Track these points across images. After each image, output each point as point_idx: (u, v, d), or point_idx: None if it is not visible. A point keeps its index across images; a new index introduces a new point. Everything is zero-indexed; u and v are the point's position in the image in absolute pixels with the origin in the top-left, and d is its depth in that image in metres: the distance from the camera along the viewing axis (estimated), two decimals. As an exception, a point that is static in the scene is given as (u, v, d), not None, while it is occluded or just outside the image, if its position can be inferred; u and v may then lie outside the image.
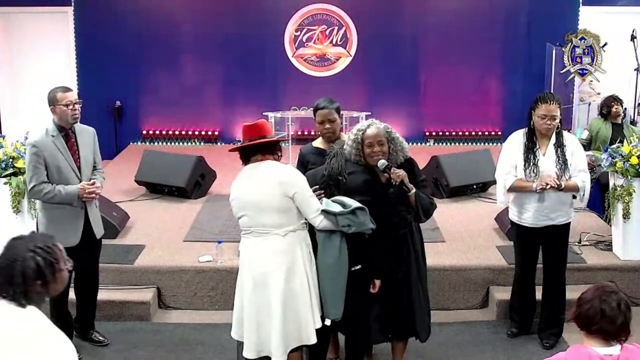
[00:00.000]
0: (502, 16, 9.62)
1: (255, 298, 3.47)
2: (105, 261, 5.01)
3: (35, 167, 4.08)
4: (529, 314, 4.64)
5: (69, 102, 4.13)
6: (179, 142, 9.73)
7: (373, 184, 3.70)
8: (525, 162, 4.30)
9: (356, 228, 3.47)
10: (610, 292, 2.45)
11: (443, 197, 6.87)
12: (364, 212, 3.49)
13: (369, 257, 3.63)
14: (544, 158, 4.28)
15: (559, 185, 4.20)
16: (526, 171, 4.29)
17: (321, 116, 4.09)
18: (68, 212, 4.19)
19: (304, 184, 3.49)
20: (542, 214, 4.32)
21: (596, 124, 6.87)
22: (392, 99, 9.55)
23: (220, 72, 9.72)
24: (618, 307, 2.40)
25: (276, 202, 3.42)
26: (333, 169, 3.75)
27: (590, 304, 2.43)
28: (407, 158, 3.79)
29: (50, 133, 4.14)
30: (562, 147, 4.26)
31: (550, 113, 4.20)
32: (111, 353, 4.46)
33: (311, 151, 4.14)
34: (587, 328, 2.43)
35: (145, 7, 9.57)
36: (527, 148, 4.31)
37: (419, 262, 3.84)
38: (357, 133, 3.72)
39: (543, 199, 4.28)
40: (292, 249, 3.47)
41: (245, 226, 3.53)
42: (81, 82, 9.53)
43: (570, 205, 4.35)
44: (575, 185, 4.26)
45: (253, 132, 3.51)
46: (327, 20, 9.63)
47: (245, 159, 3.56)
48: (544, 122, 4.22)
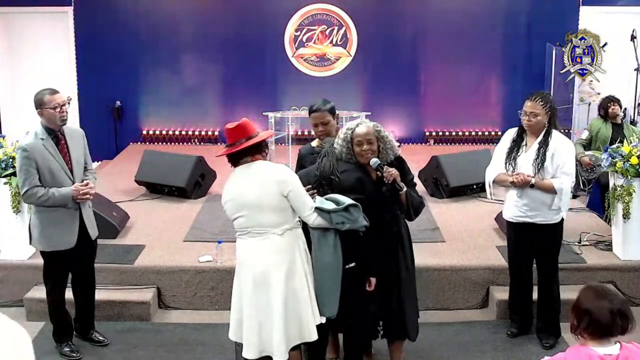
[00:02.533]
0: (502, 16, 9.62)
1: (255, 298, 3.47)
2: (105, 261, 5.02)
3: (27, 170, 4.06)
4: (527, 313, 4.65)
5: (56, 105, 4.10)
6: (179, 142, 9.73)
7: (366, 182, 3.73)
8: (507, 156, 4.38)
9: (350, 225, 3.49)
10: (602, 296, 2.45)
11: (443, 197, 6.87)
12: (357, 209, 3.51)
13: (363, 255, 3.65)
14: (525, 155, 4.33)
15: (529, 182, 4.23)
16: (506, 165, 4.37)
17: (314, 119, 4.14)
18: (63, 215, 4.17)
19: (297, 182, 3.51)
20: (521, 210, 4.37)
21: (596, 124, 6.87)
22: (392, 99, 9.56)
23: (220, 72, 9.72)
24: (611, 313, 2.40)
25: (274, 201, 3.42)
26: (325, 168, 3.77)
27: (586, 313, 2.43)
28: (397, 156, 3.81)
29: (40, 136, 4.11)
30: (544, 147, 4.27)
31: (530, 110, 4.26)
32: (111, 353, 4.45)
33: (310, 152, 4.16)
34: (586, 332, 2.44)
35: (145, 7, 9.57)
36: (514, 143, 4.39)
37: (407, 263, 3.89)
38: (346, 132, 3.76)
39: (520, 195, 4.33)
40: (290, 247, 3.48)
41: (242, 227, 3.52)
42: (81, 82, 9.53)
43: (549, 207, 4.31)
44: (549, 185, 4.25)
45: (238, 135, 3.49)
46: (327, 20, 9.63)
47: (234, 162, 3.56)
48: (524, 118, 4.31)
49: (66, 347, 4.38)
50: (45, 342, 4.39)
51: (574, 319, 2.48)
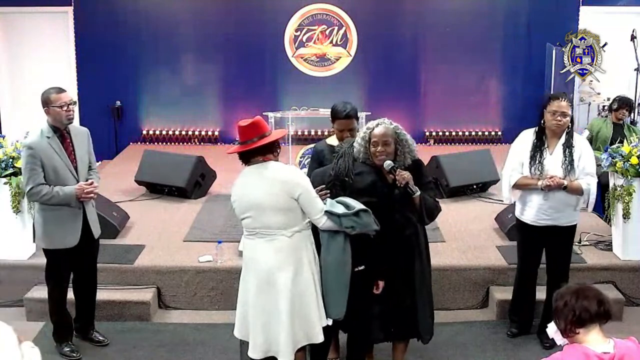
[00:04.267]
0: (502, 16, 9.61)
1: (261, 298, 3.45)
2: (105, 261, 5.02)
3: (32, 169, 4.07)
4: (528, 314, 4.64)
5: (63, 104, 4.12)
6: (179, 142, 9.72)
7: (379, 185, 3.68)
8: (531, 159, 4.32)
9: (360, 229, 3.46)
10: (579, 289, 2.51)
11: (443, 197, 6.86)
12: (367, 213, 3.48)
13: (373, 258, 3.62)
14: (550, 157, 4.30)
15: (562, 185, 4.21)
16: (531, 169, 4.31)
17: (342, 125, 4.12)
18: (66, 213, 4.18)
19: (308, 185, 3.47)
20: (545, 213, 4.32)
21: (597, 124, 6.86)
22: (392, 99, 9.54)
23: (220, 72, 9.71)
24: (595, 296, 2.47)
25: (281, 203, 3.39)
26: (340, 169, 3.75)
27: (568, 306, 2.48)
28: (415, 160, 3.76)
29: (46, 134, 4.13)
30: (570, 148, 4.26)
31: (561, 109, 4.22)
32: (111, 353, 4.46)
33: (326, 148, 4.16)
34: (577, 326, 2.45)
35: (145, 7, 9.56)
36: (535, 146, 4.34)
37: (423, 264, 3.82)
38: (365, 131, 3.71)
39: (547, 198, 4.29)
40: (298, 249, 3.45)
41: (250, 227, 3.49)
42: (81, 82, 9.52)
43: (574, 208, 4.33)
44: (579, 187, 4.25)
45: (251, 133, 3.44)
46: (327, 20, 9.63)
47: (245, 160, 3.51)
48: (554, 118, 4.23)
49: (66, 347, 4.38)
50: (45, 342, 4.39)
51: (561, 321, 2.49)
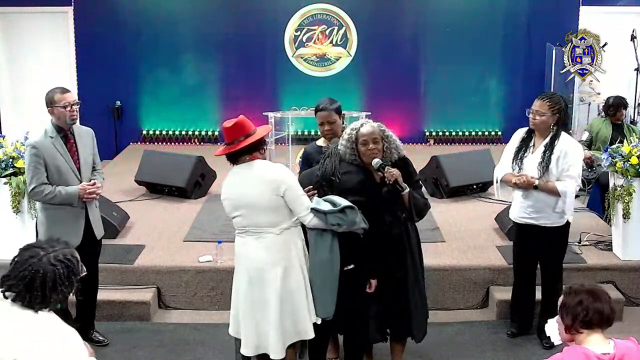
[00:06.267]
0: (502, 16, 9.62)
1: (251, 295, 3.49)
2: (105, 261, 5.01)
3: (36, 168, 4.08)
4: (528, 314, 4.64)
5: (67, 104, 4.14)
6: (179, 142, 9.73)
7: (366, 184, 3.69)
8: (514, 156, 4.38)
9: (346, 227, 3.47)
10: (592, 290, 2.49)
11: (443, 197, 6.87)
12: (353, 210, 3.50)
13: (362, 256, 3.63)
14: (531, 156, 4.33)
15: (532, 184, 4.24)
16: (513, 164, 4.38)
17: (320, 118, 4.13)
18: (69, 213, 4.19)
19: (294, 182, 3.50)
20: (525, 212, 4.38)
21: (596, 124, 6.86)
22: (392, 99, 9.55)
23: (220, 72, 9.71)
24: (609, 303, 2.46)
25: (269, 201, 3.43)
26: (327, 169, 3.75)
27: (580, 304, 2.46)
28: (401, 157, 3.78)
29: (49, 134, 4.14)
30: (550, 150, 4.26)
31: (536, 108, 4.27)
32: (111, 353, 4.46)
33: (316, 150, 4.16)
34: (584, 326, 2.45)
35: (145, 7, 9.56)
36: (522, 143, 4.39)
37: (415, 262, 3.82)
38: (350, 132, 3.72)
39: (526, 196, 4.35)
40: (287, 246, 3.49)
41: (240, 226, 3.54)
42: (81, 82, 9.53)
43: (553, 209, 4.29)
44: (553, 187, 4.24)
45: (237, 133, 3.49)
46: (327, 20, 9.63)
47: (233, 160, 3.56)
48: (530, 116, 4.33)
49: (66, 347, 4.38)
50: (45, 342, 4.39)
51: (569, 317, 2.48)
